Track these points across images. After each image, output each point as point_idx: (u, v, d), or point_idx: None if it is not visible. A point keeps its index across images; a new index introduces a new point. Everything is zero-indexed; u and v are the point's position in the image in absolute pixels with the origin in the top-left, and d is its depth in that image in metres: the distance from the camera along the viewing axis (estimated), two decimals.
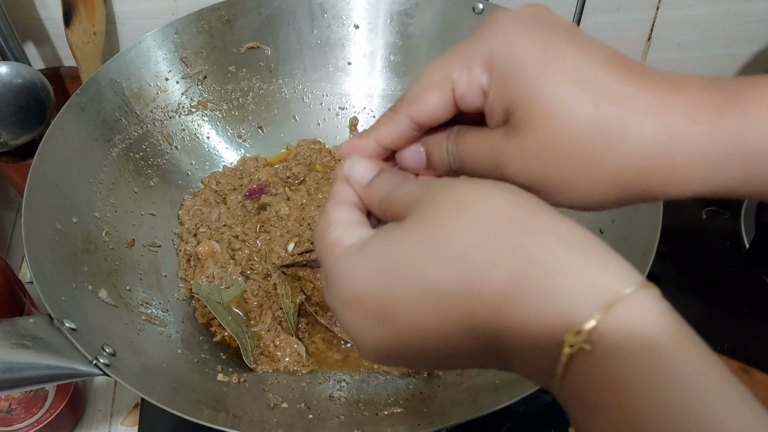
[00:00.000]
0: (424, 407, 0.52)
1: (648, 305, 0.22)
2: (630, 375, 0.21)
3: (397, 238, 0.27)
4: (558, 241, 0.24)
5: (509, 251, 0.24)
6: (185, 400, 0.48)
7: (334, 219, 0.30)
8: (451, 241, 0.25)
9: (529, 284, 0.23)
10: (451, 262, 0.25)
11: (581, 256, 0.24)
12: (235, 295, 0.60)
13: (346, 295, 0.28)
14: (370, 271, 0.27)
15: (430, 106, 0.30)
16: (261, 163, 0.70)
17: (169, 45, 0.66)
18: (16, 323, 0.44)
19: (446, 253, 0.25)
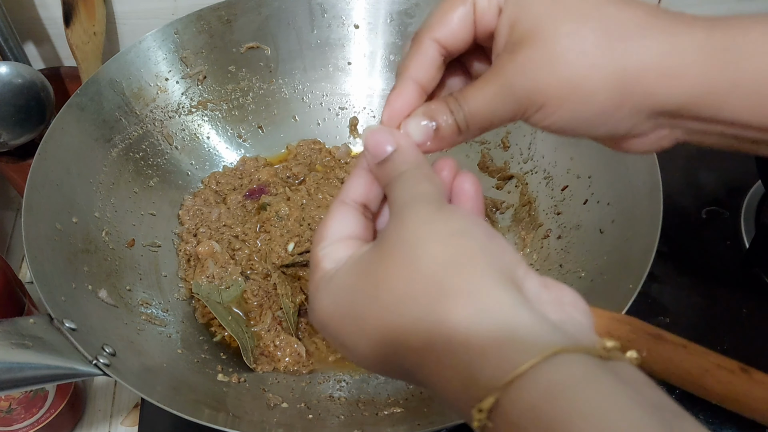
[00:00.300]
0: (424, 407, 0.52)
1: (553, 377, 0.22)
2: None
3: (353, 278, 0.28)
4: (470, 310, 0.24)
5: (425, 315, 0.25)
6: (185, 400, 0.48)
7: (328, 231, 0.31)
8: (386, 291, 0.26)
9: (439, 355, 0.24)
10: (383, 317, 0.26)
11: (487, 327, 0.23)
12: (235, 295, 0.60)
13: (316, 317, 0.30)
14: (330, 305, 0.29)
15: (453, 25, 0.31)
16: (261, 163, 0.70)
17: (169, 45, 0.66)
18: (16, 323, 0.44)
19: (381, 305, 0.26)
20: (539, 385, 0.21)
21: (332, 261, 0.30)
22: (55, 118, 0.57)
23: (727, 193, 0.75)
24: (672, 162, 0.79)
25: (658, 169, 0.53)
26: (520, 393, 0.22)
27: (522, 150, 0.67)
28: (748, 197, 0.74)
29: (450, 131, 0.32)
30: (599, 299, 0.50)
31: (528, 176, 0.66)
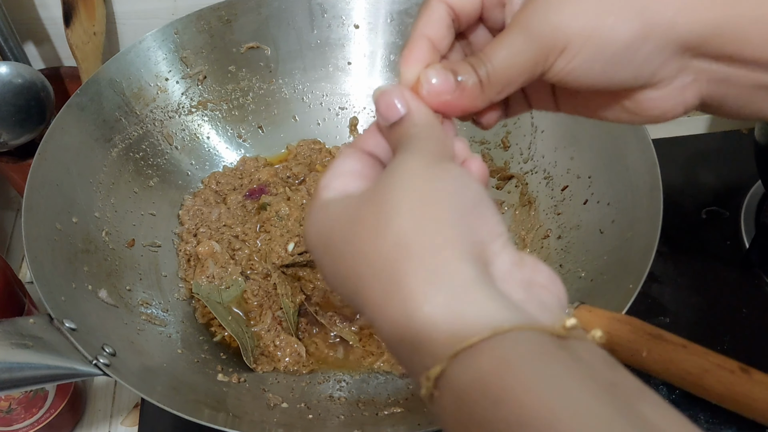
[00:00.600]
0: (424, 407, 0.52)
1: (500, 353, 0.22)
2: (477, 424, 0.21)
3: (339, 214, 0.28)
4: (423, 277, 0.24)
5: (382, 277, 0.25)
6: (185, 400, 0.48)
7: (334, 167, 0.31)
8: (358, 238, 0.26)
9: (390, 318, 0.24)
10: (354, 259, 0.26)
11: (440, 296, 0.23)
12: (235, 295, 0.60)
13: (306, 239, 0.30)
14: (317, 234, 0.29)
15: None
16: (261, 163, 0.70)
17: (169, 45, 0.66)
18: (16, 323, 0.44)
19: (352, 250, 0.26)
20: (486, 359, 0.22)
21: (331, 191, 0.30)
22: (55, 118, 0.57)
23: (727, 193, 0.75)
24: (672, 162, 0.79)
25: (658, 169, 0.53)
26: (467, 366, 0.22)
27: (522, 150, 0.67)
28: (748, 197, 0.74)
29: (471, 87, 0.30)
30: (599, 299, 0.50)
31: (528, 176, 0.66)
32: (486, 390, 0.21)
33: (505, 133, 0.69)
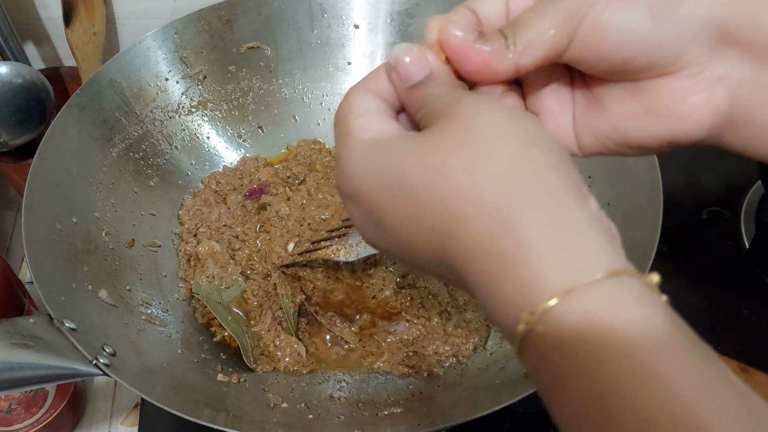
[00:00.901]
0: (424, 407, 0.52)
1: (619, 295, 0.22)
2: (593, 366, 0.21)
3: (408, 152, 0.26)
4: (540, 215, 0.23)
5: (492, 212, 0.24)
6: (185, 400, 0.48)
7: (356, 106, 0.29)
8: (451, 175, 0.25)
9: (500, 252, 0.23)
10: (443, 198, 0.25)
11: (558, 235, 0.23)
12: (235, 295, 0.60)
13: (349, 188, 0.28)
14: (373, 176, 0.27)
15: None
16: (261, 163, 0.70)
17: (169, 45, 0.66)
18: (16, 323, 0.44)
19: (443, 187, 0.25)
20: (599, 299, 0.22)
21: (371, 131, 0.28)
22: (55, 118, 0.57)
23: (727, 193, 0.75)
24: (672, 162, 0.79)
25: (658, 169, 0.53)
26: (578, 305, 0.22)
27: None
28: (749, 197, 0.74)
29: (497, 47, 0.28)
30: None
31: None
32: (594, 331, 0.21)
33: None
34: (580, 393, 0.21)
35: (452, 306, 0.59)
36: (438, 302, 0.60)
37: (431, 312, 0.59)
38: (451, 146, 0.25)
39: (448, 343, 0.57)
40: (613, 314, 0.22)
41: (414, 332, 0.58)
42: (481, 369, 0.55)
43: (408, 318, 0.59)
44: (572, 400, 0.22)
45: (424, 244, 0.26)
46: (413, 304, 0.60)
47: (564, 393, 0.22)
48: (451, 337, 0.57)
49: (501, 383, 0.51)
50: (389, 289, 0.61)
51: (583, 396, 0.21)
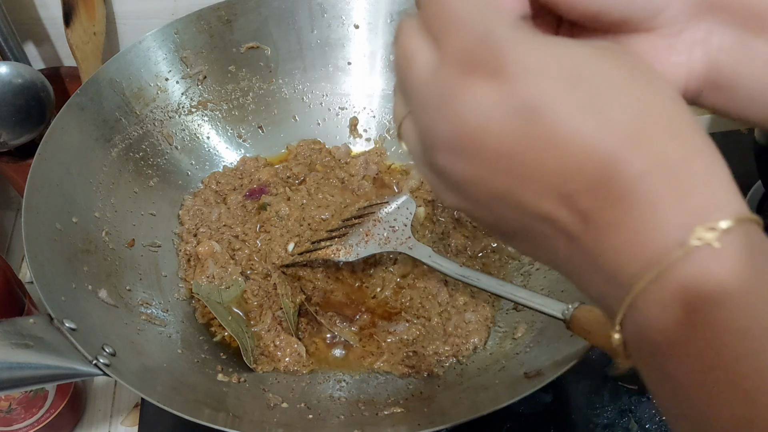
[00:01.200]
0: (424, 407, 0.52)
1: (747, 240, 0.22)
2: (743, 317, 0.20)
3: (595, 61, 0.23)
4: (691, 148, 0.22)
5: (652, 146, 0.22)
6: (185, 400, 0.48)
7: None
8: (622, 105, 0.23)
9: (684, 174, 0.22)
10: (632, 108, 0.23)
11: (722, 172, 0.23)
12: (235, 295, 0.60)
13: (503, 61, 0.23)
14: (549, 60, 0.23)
15: None
16: (261, 163, 0.70)
17: (169, 45, 0.66)
18: (16, 323, 0.44)
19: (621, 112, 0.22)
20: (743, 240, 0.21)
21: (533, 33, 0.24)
22: (55, 118, 0.57)
23: None
24: None
25: None
26: (750, 231, 0.21)
27: None
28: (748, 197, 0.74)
29: None
30: None
31: None
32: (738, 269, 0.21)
33: None
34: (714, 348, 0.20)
35: (452, 306, 0.59)
36: (438, 302, 0.60)
37: (431, 312, 0.59)
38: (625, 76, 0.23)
39: (448, 343, 0.57)
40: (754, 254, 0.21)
41: (414, 332, 0.58)
42: (481, 369, 0.55)
43: (408, 318, 0.59)
44: (699, 358, 0.21)
45: (589, 146, 0.22)
46: (413, 304, 0.60)
47: (692, 346, 0.21)
48: (451, 337, 0.57)
49: (501, 383, 0.51)
50: (389, 289, 0.61)
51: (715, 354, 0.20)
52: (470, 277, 0.53)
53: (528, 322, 0.57)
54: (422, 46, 0.25)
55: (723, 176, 0.23)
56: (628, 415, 0.59)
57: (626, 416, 0.59)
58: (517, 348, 0.55)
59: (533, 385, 0.45)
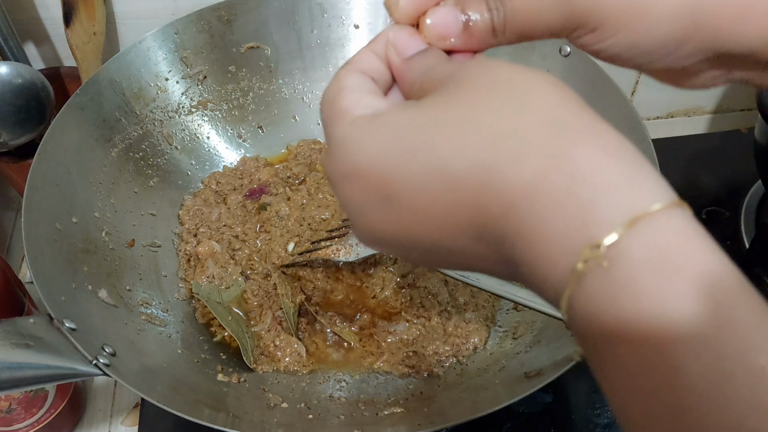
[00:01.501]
0: (424, 407, 0.52)
1: (681, 225, 0.21)
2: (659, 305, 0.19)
3: (419, 112, 0.24)
4: (593, 147, 0.22)
5: (539, 148, 0.22)
6: (185, 400, 0.48)
7: (347, 84, 0.27)
8: (481, 124, 0.23)
9: (551, 188, 0.21)
10: (476, 147, 0.22)
11: (613, 166, 0.21)
12: (235, 295, 0.60)
13: (348, 166, 0.25)
14: (380, 144, 0.24)
15: None
16: (261, 163, 0.70)
17: (169, 45, 0.66)
18: (16, 323, 0.44)
19: (472, 136, 0.23)
20: (668, 229, 0.20)
21: (368, 107, 0.26)
22: (55, 118, 0.57)
23: (727, 193, 0.75)
24: (672, 162, 0.79)
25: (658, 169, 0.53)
26: (648, 234, 0.20)
27: None
28: (748, 197, 0.74)
29: (483, 29, 0.27)
30: None
31: None
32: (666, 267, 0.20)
33: None
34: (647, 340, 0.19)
35: (452, 306, 0.59)
36: (438, 302, 0.60)
37: (431, 312, 0.59)
38: (477, 95, 0.23)
39: (448, 343, 0.57)
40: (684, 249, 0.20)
41: (414, 332, 0.58)
42: (481, 369, 0.55)
43: (408, 318, 0.59)
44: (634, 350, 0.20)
45: (449, 209, 0.23)
46: (413, 304, 0.60)
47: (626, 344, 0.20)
48: (451, 337, 0.57)
49: (501, 383, 0.51)
50: (389, 289, 0.61)
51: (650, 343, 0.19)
52: (470, 277, 0.53)
53: (528, 322, 0.57)
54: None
55: (600, 177, 0.21)
56: None
57: None
58: (517, 348, 0.55)
59: (533, 385, 0.45)
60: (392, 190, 0.24)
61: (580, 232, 0.21)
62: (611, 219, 0.20)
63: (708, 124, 0.89)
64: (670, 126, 0.88)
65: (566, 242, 0.21)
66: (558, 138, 0.22)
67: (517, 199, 0.22)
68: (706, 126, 0.89)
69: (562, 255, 0.21)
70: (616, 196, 0.21)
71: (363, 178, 0.25)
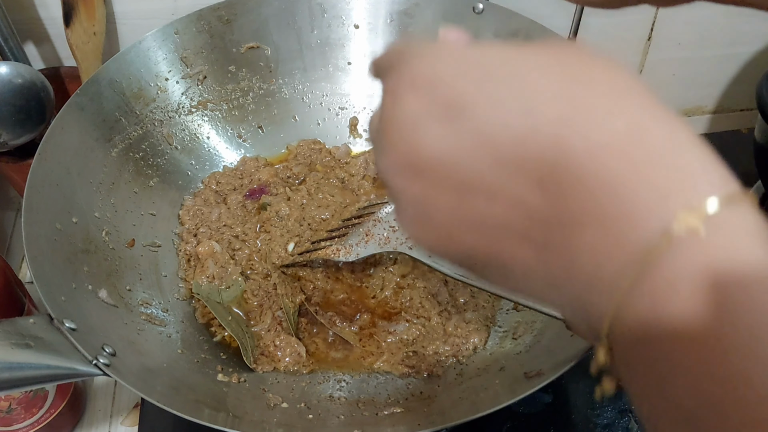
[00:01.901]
0: (424, 407, 0.52)
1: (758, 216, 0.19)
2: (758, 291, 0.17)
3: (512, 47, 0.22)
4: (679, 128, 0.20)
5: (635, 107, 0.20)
6: (185, 400, 0.48)
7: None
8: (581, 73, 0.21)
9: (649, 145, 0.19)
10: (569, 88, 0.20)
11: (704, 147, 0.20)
12: (235, 295, 0.60)
13: (421, 73, 0.23)
14: (460, 59, 0.22)
15: None
16: (261, 163, 0.70)
17: (169, 45, 0.66)
18: (16, 323, 0.44)
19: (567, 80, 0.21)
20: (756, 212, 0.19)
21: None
22: (55, 118, 0.57)
23: None
24: None
25: None
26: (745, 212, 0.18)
27: None
28: None
29: None
30: None
31: None
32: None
33: None
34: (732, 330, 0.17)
35: (452, 306, 0.59)
36: (438, 302, 0.60)
37: (431, 312, 0.59)
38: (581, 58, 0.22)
39: (448, 343, 0.57)
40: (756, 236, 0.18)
41: (414, 332, 0.58)
42: (481, 369, 0.55)
43: (408, 318, 0.59)
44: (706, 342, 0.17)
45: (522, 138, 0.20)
46: (413, 304, 0.60)
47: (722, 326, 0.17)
48: (451, 337, 0.57)
49: (501, 383, 0.51)
50: (389, 289, 0.61)
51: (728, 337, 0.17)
52: (470, 277, 0.53)
53: (528, 322, 0.57)
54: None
55: (697, 150, 0.20)
56: (628, 415, 0.59)
57: (626, 416, 0.59)
58: (517, 348, 0.55)
59: (533, 385, 0.45)
60: (464, 102, 0.21)
61: (678, 195, 0.19)
62: (711, 191, 0.19)
63: (708, 124, 0.89)
64: None
65: (661, 202, 0.19)
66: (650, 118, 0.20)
67: (608, 147, 0.19)
68: (706, 126, 0.89)
69: (653, 215, 0.19)
70: (713, 172, 0.19)
71: (432, 85, 0.22)
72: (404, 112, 0.23)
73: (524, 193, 0.21)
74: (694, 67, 0.82)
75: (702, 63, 0.82)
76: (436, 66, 0.23)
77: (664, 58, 0.81)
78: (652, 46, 0.80)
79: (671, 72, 0.82)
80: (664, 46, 0.80)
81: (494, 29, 0.66)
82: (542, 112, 0.20)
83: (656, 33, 0.79)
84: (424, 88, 0.22)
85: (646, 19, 0.78)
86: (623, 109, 0.20)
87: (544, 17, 0.64)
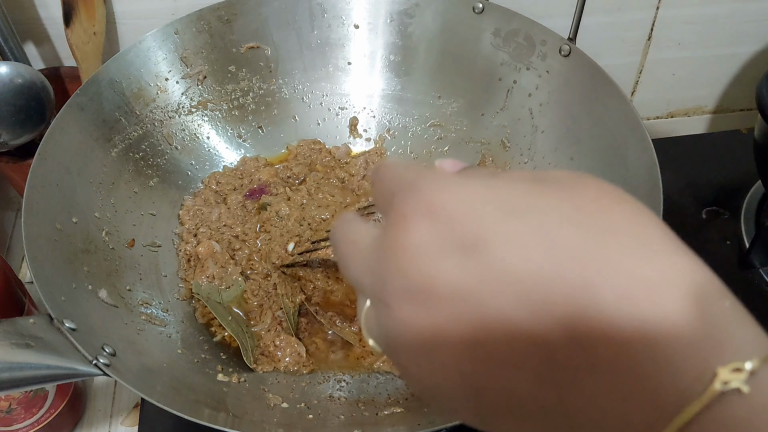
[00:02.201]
0: (424, 407, 0.52)
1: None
2: None
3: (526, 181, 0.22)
4: (709, 279, 0.21)
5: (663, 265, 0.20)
6: (185, 400, 0.48)
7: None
8: (601, 217, 0.21)
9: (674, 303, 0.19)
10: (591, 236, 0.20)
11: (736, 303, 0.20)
12: (235, 295, 0.60)
13: (433, 202, 0.21)
14: (480, 190, 0.21)
15: None
16: (261, 163, 0.70)
17: (169, 45, 0.66)
18: (16, 323, 0.44)
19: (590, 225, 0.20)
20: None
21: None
22: (55, 118, 0.57)
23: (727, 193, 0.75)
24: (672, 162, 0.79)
25: (658, 169, 0.53)
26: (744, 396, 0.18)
27: (522, 150, 0.67)
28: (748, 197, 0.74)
29: None
30: None
31: None
32: None
33: (505, 134, 0.69)
34: None
35: None
36: None
37: None
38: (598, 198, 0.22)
39: None
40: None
41: None
42: None
43: None
44: None
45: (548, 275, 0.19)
46: None
47: None
48: None
49: None
50: None
51: None
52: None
53: None
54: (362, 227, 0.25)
55: (728, 302, 0.20)
56: None
57: None
58: None
59: None
60: (485, 235, 0.20)
61: (717, 350, 0.19)
62: (748, 348, 0.19)
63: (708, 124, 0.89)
64: (670, 126, 0.88)
65: (699, 355, 0.19)
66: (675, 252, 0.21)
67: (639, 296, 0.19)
68: (706, 126, 0.89)
69: (692, 366, 0.19)
70: (747, 328, 0.20)
71: (450, 215, 0.21)
72: (419, 238, 0.21)
73: (548, 332, 0.19)
74: (694, 67, 0.82)
75: (702, 63, 0.82)
76: (454, 196, 0.21)
77: (664, 58, 0.81)
78: (652, 46, 0.80)
79: (671, 72, 0.82)
80: (664, 46, 0.80)
81: (494, 29, 0.66)
82: (566, 257, 0.19)
83: (656, 33, 0.79)
84: (442, 218, 0.21)
85: (646, 19, 0.78)
86: (650, 256, 0.20)
87: (544, 17, 0.64)
